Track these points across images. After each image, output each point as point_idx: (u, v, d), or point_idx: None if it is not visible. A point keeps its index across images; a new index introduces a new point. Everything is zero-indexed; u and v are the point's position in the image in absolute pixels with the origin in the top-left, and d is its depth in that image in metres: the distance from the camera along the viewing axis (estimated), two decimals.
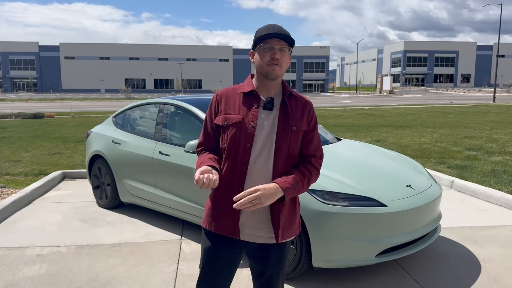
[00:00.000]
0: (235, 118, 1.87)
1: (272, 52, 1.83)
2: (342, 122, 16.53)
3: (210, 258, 1.93)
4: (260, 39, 1.85)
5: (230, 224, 1.87)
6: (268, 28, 1.87)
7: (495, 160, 7.97)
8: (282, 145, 1.85)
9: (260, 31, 1.87)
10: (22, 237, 4.33)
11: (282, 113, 1.89)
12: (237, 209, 1.83)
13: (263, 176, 1.84)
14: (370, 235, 3.14)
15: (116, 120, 5.48)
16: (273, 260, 1.95)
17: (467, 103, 31.32)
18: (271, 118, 1.88)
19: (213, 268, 1.93)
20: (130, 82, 79.47)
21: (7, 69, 77.73)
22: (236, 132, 1.85)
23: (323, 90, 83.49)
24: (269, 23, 2.20)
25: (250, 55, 1.94)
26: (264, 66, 1.85)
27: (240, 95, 1.92)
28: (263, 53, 1.84)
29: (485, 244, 4.07)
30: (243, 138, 1.84)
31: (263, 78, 1.89)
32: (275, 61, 1.83)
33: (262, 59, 1.84)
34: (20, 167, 7.84)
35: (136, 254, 3.90)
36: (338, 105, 30.81)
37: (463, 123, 15.32)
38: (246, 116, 1.86)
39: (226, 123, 1.88)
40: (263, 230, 1.89)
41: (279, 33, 1.82)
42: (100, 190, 5.45)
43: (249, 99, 1.90)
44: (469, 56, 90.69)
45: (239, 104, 1.90)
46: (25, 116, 19.91)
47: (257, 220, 1.88)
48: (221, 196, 1.90)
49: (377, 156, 4.21)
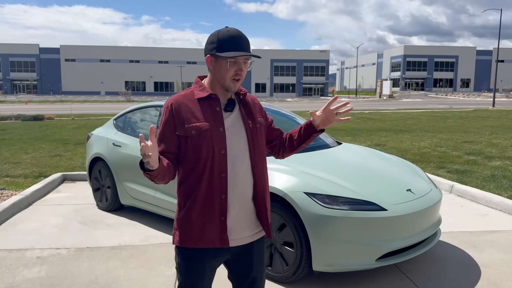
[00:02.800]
0: (203, 126, 1.77)
1: (238, 67, 1.78)
2: (342, 126, 16.55)
3: (194, 275, 1.85)
4: (226, 51, 1.75)
5: (218, 234, 1.80)
6: (232, 37, 1.77)
7: (494, 165, 7.98)
8: (255, 144, 1.87)
9: (224, 39, 1.76)
10: (22, 239, 4.33)
11: (244, 113, 1.87)
12: (222, 218, 1.79)
13: (244, 178, 1.83)
14: (370, 239, 3.14)
15: (116, 122, 5.49)
16: (256, 258, 1.95)
17: (467, 107, 31.37)
18: (235, 119, 1.85)
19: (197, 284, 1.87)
20: (130, 85, 79.51)
21: (7, 71, 77.77)
22: (207, 140, 1.76)
23: (323, 94, 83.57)
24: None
25: (207, 60, 1.82)
26: (227, 80, 1.79)
27: (197, 101, 1.82)
28: (228, 67, 1.77)
29: (484, 249, 4.08)
30: (216, 144, 1.77)
31: (223, 88, 1.84)
32: (238, 76, 1.79)
33: (227, 73, 1.78)
34: (20, 169, 7.85)
35: (136, 257, 3.90)
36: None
37: (462, 128, 15.34)
38: (212, 121, 1.78)
39: (193, 132, 1.76)
40: (249, 229, 1.89)
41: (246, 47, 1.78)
42: (100, 193, 5.45)
43: (209, 103, 1.81)
44: (469, 61, 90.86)
45: (200, 111, 1.79)
46: (25, 118, 19.92)
47: (242, 222, 1.86)
48: (202, 210, 1.79)
49: (377, 160, 4.22)
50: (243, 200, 1.84)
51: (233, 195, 1.81)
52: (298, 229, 3.18)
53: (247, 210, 1.87)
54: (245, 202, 1.85)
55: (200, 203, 1.79)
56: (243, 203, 1.84)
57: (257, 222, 1.92)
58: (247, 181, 1.84)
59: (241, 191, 1.82)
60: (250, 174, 1.85)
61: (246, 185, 1.84)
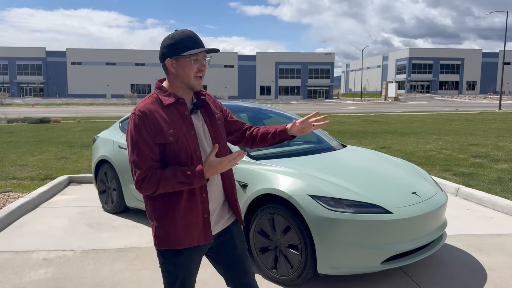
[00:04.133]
0: (179, 132, 1.81)
1: (200, 64, 1.83)
2: (347, 129, 16.52)
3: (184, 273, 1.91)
4: (187, 49, 1.78)
5: (202, 232, 1.88)
6: (190, 37, 1.81)
7: (501, 167, 7.94)
8: (218, 140, 1.97)
9: (182, 40, 1.79)
10: (29, 241, 4.36)
11: (204, 112, 1.96)
12: (205, 215, 1.88)
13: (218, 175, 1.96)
14: (376, 242, 3.14)
15: (122, 125, 5.53)
16: (237, 238, 2.05)
17: (473, 110, 31.20)
18: (200, 120, 1.93)
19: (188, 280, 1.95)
20: (136, 88, 79.83)
21: (14, 74, 78.38)
22: (184, 145, 1.81)
23: (328, 97, 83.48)
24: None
25: (168, 63, 1.83)
26: (192, 78, 1.83)
27: (167, 107, 1.83)
28: (192, 65, 1.81)
29: (491, 252, 4.05)
30: (192, 148, 1.83)
31: (187, 88, 1.87)
32: (201, 73, 1.85)
33: (190, 71, 1.81)
34: (26, 171, 7.90)
35: (141, 259, 3.91)
36: (343, 112, 30.80)
37: (468, 131, 15.27)
38: (184, 126, 1.83)
39: (172, 139, 1.79)
40: (225, 216, 2.02)
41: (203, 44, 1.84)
42: (106, 195, 5.48)
43: (176, 108, 1.84)
44: (475, 63, 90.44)
45: (172, 117, 1.82)
46: (32, 120, 20.05)
47: (219, 213, 1.98)
48: (186, 212, 1.84)
49: (382, 163, 4.22)
50: (218, 194, 1.97)
51: (211, 192, 1.93)
52: (303, 231, 3.18)
53: (220, 200, 1.99)
54: (218, 195, 1.98)
55: (183, 206, 1.84)
56: (218, 196, 1.97)
57: (228, 208, 2.04)
58: (217, 176, 1.96)
59: (215, 186, 1.95)
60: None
61: (217, 180, 1.96)
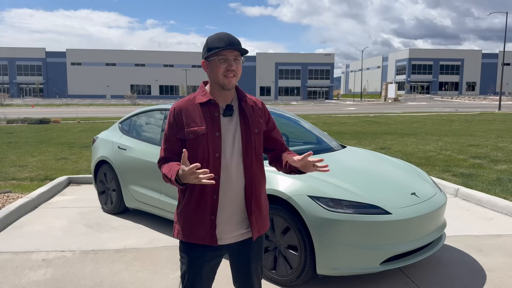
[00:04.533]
0: (200, 130, 1.88)
1: (228, 63, 1.86)
2: (347, 129, 16.52)
3: (193, 268, 1.97)
4: (213, 50, 1.86)
5: (208, 233, 1.91)
6: (220, 38, 1.86)
7: (500, 168, 7.94)
8: (248, 149, 1.94)
9: (212, 42, 1.87)
10: (28, 242, 4.36)
11: (242, 118, 1.95)
12: (213, 217, 1.90)
13: (236, 182, 1.93)
14: (375, 243, 3.14)
15: (122, 126, 5.53)
16: (254, 253, 2.06)
17: (473, 111, 31.22)
18: (233, 124, 1.93)
19: (197, 277, 1.97)
20: (136, 88, 79.89)
21: (14, 75, 78.41)
22: (203, 144, 1.87)
23: (327, 97, 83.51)
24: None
25: (203, 65, 1.94)
26: (220, 77, 1.87)
27: (198, 106, 1.92)
28: (218, 64, 1.86)
29: (490, 253, 4.05)
30: (211, 148, 1.87)
31: (219, 88, 1.91)
32: (230, 73, 1.87)
33: (218, 70, 1.87)
34: (26, 172, 7.90)
35: (140, 260, 3.91)
36: (342, 112, 30.79)
37: (468, 131, 15.27)
38: (210, 126, 1.88)
39: (191, 136, 1.88)
40: (240, 229, 1.98)
41: (232, 44, 1.85)
42: (105, 196, 5.48)
43: (208, 108, 1.91)
44: (475, 64, 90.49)
45: (199, 115, 1.90)
46: (31, 121, 20.05)
47: (233, 223, 1.96)
48: (195, 207, 1.92)
49: (381, 164, 4.22)
50: (235, 202, 1.94)
51: (224, 196, 1.92)
52: (302, 232, 3.18)
53: (238, 211, 1.96)
54: (237, 204, 1.95)
55: (194, 201, 1.91)
56: (234, 204, 1.94)
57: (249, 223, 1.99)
58: (239, 184, 1.94)
59: (233, 193, 1.93)
60: (242, 178, 1.94)
61: (238, 188, 1.94)
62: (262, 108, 2.07)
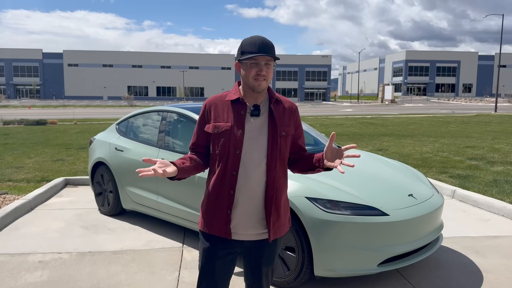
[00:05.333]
0: (224, 126, 1.95)
1: (259, 68, 1.91)
2: (344, 131, 16.55)
3: (209, 257, 2.03)
4: (245, 54, 1.91)
5: (222, 225, 1.98)
6: (253, 42, 1.91)
7: (497, 170, 7.97)
8: (274, 150, 1.96)
9: (246, 45, 1.93)
10: (24, 244, 4.34)
11: (271, 119, 1.99)
12: (228, 211, 1.96)
13: (256, 181, 1.96)
14: (372, 244, 3.14)
15: (119, 127, 5.51)
16: (266, 256, 2.09)
17: (469, 112, 31.33)
18: (259, 124, 1.97)
19: (212, 267, 2.02)
20: (133, 90, 79.77)
21: (10, 76, 78.16)
22: (225, 139, 1.94)
23: (324, 99, 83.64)
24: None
25: (236, 66, 2.01)
26: (250, 80, 1.93)
27: (228, 103, 2.00)
28: (249, 68, 1.92)
29: (487, 254, 4.06)
30: (232, 144, 1.93)
31: (250, 89, 1.97)
32: (261, 77, 1.91)
33: (249, 74, 1.92)
34: (22, 173, 7.87)
35: (137, 262, 3.90)
36: (340, 114, 30.83)
37: (465, 133, 15.32)
38: (234, 123, 1.95)
39: (216, 131, 1.97)
40: (255, 228, 2.01)
41: (264, 49, 1.90)
42: (102, 197, 5.46)
43: (236, 106, 1.98)
44: (471, 66, 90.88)
45: (227, 112, 1.98)
46: (28, 122, 19.99)
47: (248, 220, 1.99)
48: (213, 200, 2.00)
49: (379, 165, 4.22)
50: (252, 200, 1.97)
51: (242, 193, 1.95)
52: (300, 234, 3.18)
53: (256, 210, 1.98)
54: (254, 203, 1.97)
55: (214, 194, 1.99)
56: (251, 202, 1.97)
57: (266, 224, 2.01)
58: (259, 184, 1.96)
59: (251, 191, 1.96)
60: (263, 178, 1.97)
61: (257, 188, 1.96)
62: (294, 113, 2.10)
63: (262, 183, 1.96)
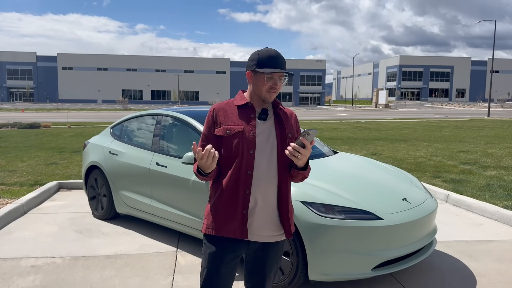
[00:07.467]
0: (236, 128, 2.02)
1: (273, 82, 2.01)
2: (338, 135, 16.60)
3: (215, 262, 2.04)
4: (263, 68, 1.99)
5: (239, 226, 2.00)
6: (271, 58, 2.00)
7: (490, 174, 8.02)
8: (283, 150, 2.03)
9: (263, 58, 2.00)
10: (17, 248, 4.30)
11: (277, 123, 2.09)
12: (244, 212, 1.99)
13: (268, 180, 2.02)
14: (366, 248, 3.15)
15: (113, 131, 5.49)
16: (271, 258, 2.12)
17: (462, 117, 31.55)
18: (268, 127, 2.07)
19: (217, 272, 2.04)
20: (127, 93, 79.51)
21: (4, 79, 77.66)
22: (239, 141, 2.00)
23: (319, 103, 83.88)
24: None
25: (248, 75, 2.08)
26: (263, 92, 2.03)
27: (236, 108, 2.08)
28: (264, 82, 2.01)
29: (480, 258, 4.09)
30: (246, 145, 2.00)
31: (259, 98, 2.07)
32: (273, 90, 2.02)
33: (263, 86, 2.02)
34: (15, 177, 7.81)
35: (131, 266, 3.88)
36: (334, 118, 30.94)
37: (458, 138, 15.42)
38: (245, 126, 2.02)
39: (228, 133, 2.02)
40: (268, 229, 2.05)
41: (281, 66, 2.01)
42: (96, 201, 5.43)
43: (245, 110, 2.07)
44: (464, 71, 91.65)
45: (236, 116, 2.05)
46: (21, 126, 19.84)
47: (263, 221, 2.03)
48: (227, 201, 2.02)
49: (373, 170, 4.24)
50: (266, 199, 2.03)
51: (256, 192, 2.01)
52: (294, 238, 3.18)
53: (270, 210, 2.05)
54: (268, 202, 2.04)
55: (227, 194, 2.02)
56: (265, 202, 2.03)
57: (279, 225, 2.08)
58: (271, 182, 2.04)
59: (264, 190, 2.02)
60: (275, 177, 2.04)
61: (270, 186, 2.03)
62: (295, 119, 2.19)
63: (274, 183, 2.04)
